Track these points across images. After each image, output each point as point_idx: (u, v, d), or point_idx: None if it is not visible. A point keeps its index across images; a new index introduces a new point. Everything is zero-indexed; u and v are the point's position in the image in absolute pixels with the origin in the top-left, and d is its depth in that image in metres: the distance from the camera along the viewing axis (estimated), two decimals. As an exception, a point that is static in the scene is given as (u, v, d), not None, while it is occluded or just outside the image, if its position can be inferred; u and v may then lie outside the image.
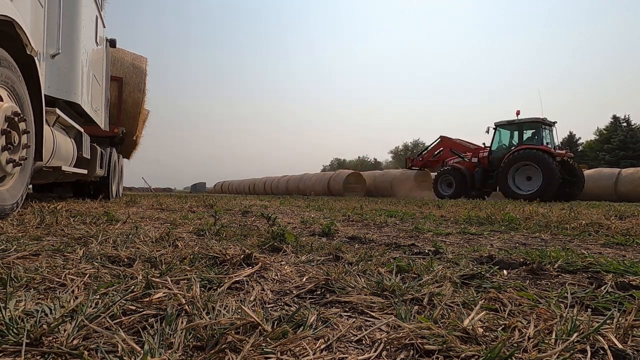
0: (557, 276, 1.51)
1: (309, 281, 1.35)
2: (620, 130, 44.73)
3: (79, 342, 0.79)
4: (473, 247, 2.24)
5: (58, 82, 4.08)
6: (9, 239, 1.96)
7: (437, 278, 1.39)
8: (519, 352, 0.79)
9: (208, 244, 2.02)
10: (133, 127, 10.18)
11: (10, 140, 2.87)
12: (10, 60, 2.82)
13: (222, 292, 1.18)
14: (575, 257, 1.77)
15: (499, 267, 1.65)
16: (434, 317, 0.97)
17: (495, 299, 1.17)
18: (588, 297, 1.21)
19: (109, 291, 1.13)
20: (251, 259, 1.64)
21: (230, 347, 0.78)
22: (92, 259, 1.58)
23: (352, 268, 1.55)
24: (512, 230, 3.26)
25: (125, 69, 9.81)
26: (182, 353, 0.77)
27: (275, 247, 2.03)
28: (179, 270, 1.40)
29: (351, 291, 1.23)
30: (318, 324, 0.95)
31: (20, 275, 1.25)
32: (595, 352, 0.82)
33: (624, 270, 1.54)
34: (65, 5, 4.06)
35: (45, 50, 3.75)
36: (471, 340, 0.86)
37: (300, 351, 0.78)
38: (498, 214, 4.33)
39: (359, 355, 0.80)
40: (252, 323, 0.88)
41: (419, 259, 1.82)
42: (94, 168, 6.07)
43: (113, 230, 2.49)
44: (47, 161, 3.88)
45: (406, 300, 1.16)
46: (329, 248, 2.04)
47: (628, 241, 2.54)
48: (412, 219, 4.21)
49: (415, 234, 2.95)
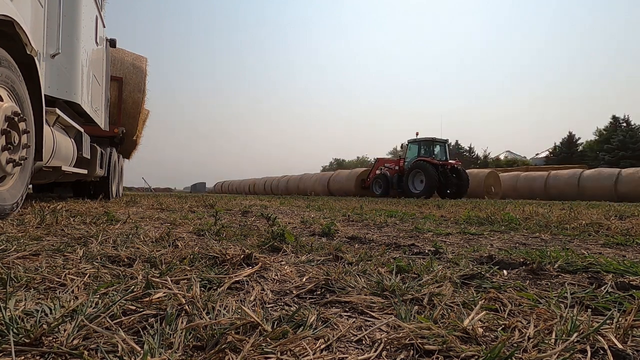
0: (557, 276, 1.51)
1: (309, 281, 1.35)
2: (620, 130, 44.69)
3: (79, 342, 0.79)
4: (473, 247, 2.24)
5: (58, 82, 4.08)
6: (9, 239, 1.96)
7: (437, 278, 1.39)
8: (519, 352, 0.79)
9: (208, 244, 2.02)
10: (133, 127, 10.17)
11: (10, 140, 2.87)
12: (10, 60, 2.82)
13: (222, 292, 1.18)
14: (575, 257, 1.77)
15: (499, 267, 1.65)
16: (434, 317, 0.97)
17: (495, 299, 1.17)
18: (588, 297, 1.20)
19: (109, 291, 1.13)
20: (251, 259, 1.64)
21: (230, 347, 0.78)
22: (92, 259, 1.58)
23: (352, 268, 1.55)
24: (512, 230, 3.26)
25: (125, 69, 9.80)
26: (182, 353, 0.77)
27: (275, 247, 2.03)
28: (179, 270, 1.40)
29: (351, 291, 1.23)
30: (318, 324, 0.95)
31: (20, 275, 1.25)
32: (595, 352, 0.82)
33: (624, 270, 1.54)
34: (65, 5, 4.06)
35: (45, 50, 3.75)
36: (471, 340, 0.86)
37: (300, 351, 0.78)
38: (498, 214, 4.33)
39: (359, 355, 0.80)
40: (252, 323, 0.88)
41: (419, 259, 1.82)
42: (94, 168, 6.07)
43: (113, 230, 2.49)
44: (47, 161, 3.88)
45: (406, 300, 1.16)
46: (329, 248, 2.04)
47: (628, 241, 2.54)
48: (412, 219, 4.21)
49: (415, 234, 2.95)
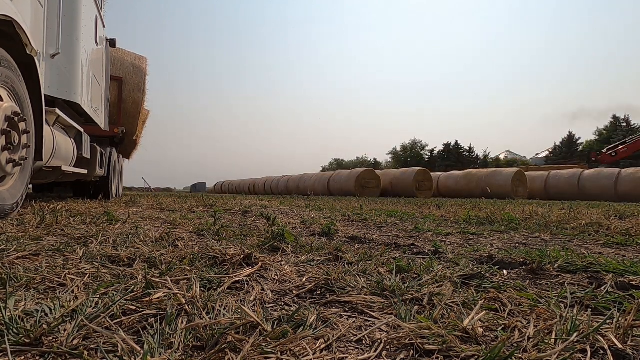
0: (557, 276, 1.51)
1: (309, 281, 1.35)
2: (620, 130, 44.67)
3: (79, 342, 0.79)
4: (473, 247, 2.24)
5: (58, 82, 4.08)
6: (9, 239, 1.96)
7: (437, 278, 1.39)
8: (519, 352, 0.79)
9: (208, 244, 2.02)
10: (133, 127, 10.16)
11: (10, 140, 2.87)
12: (10, 60, 2.82)
13: (222, 292, 1.18)
14: (575, 257, 1.77)
15: (499, 267, 1.65)
16: (434, 317, 0.97)
17: (495, 299, 1.17)
18: (588, 297, 1.20)
19: (109, 291, 1.13)
20: (251, 259, 1.64)
21: (230, 347, 0.78)
22: (92, 259, 1.58)
23: (352, 268, 1.55)
24: (512, 230, 3.26)
25: (125, 69, 9.80)
26: (182, 353, 0.77)
27: (275, 247, 2.03)
28: (179, 270, 1.40)
29: (351, 291, 1.23)
30: (318, 324, 0.95)
31: (20, 275, 1.25)
32: (595, 352, 0.82)
33: (624, 270, 1.54)
34: (65, 5, 4.06)
35: (45, 50, 3.75)
36: (471, 340, 0.86)
37: (300, 351, 0.78)
38: (498, 214, 4.33)
39: (359, 355, 0.80)
40: (252, 323, 0.88)
41: (419, 259, 1.82)
42: (94, 168, 6.07)
43: (113, 230, 2.49)
44: (47, 161, 3.88)
45: (406, 300, 1.16)
46: (329, 248, 2.04)
47: (628, 241, 2.53)
48: (412, 219, 4.21)
49: (415, 234, 2.95)
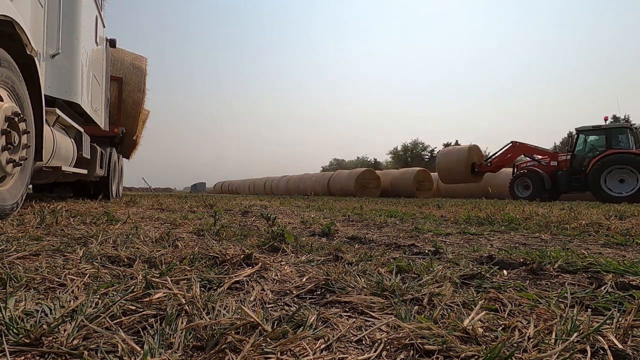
0: (557, 276, 1.51)
1: (309, 281, 1.35)
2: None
3: (79, 342, 0.79)
4: (473, 247, 2.24)
5: (58, 82, 4.08)
6: (9, 239, 1.96)
7: (437, 278, 1.39)
8: (519, 352, 0.79)
9: (208, 244, 2.02)
10: (133, 127, 10.17)
11: (10, 140, 2.87)
12: (10, 60, 2.82)
13: (222, 292, 1.18)
14: (575, 257, 1.77)
15: (499, 267, 1.65)
16: (434, 317, 0.97)
17: (495, 299, 1.17)
18: (588, 297, 1.20)
19: (109, 291, 1.13)
20: (251, 259, 1.64)
21: (230, 347, 0.78)
22: (92, 259, 1.58)
23: (352, 268, 1.55)
24: (512, 230, 3.26)
25: (125, 69, 9.80)
26: (182, 353, 0.77)
27: (275, 247, 2.03)
28: (179, 271, 1.40)
29: (351, 291, 1.23)
30: (318, 324, 0.95)
31: (20, 275, 1.25)
32: (595, 352, 0.82)
33: (624, 270, 1.54)
34: (65, 5, 4.06)
35: (45, 50, 3.75)
36: (471, 340, 0.86)
37: (300, 351, 0.78)
38: (498, 214, 4.33)
39: (359, 355, 0.80)
40: (252, 323, 0.88)
41: (419, 259, 1.82)
42: (94, 168, 6.07)
43: (113, 231, 2.49)
44: (47, 161, 3.88)
45: (406, 300, 1.16)
46: (328, 248, 2.04)
47: (628, 241, 2.53)
48: (412, 219, 4.21)
49: (415, 234, 2.95)
